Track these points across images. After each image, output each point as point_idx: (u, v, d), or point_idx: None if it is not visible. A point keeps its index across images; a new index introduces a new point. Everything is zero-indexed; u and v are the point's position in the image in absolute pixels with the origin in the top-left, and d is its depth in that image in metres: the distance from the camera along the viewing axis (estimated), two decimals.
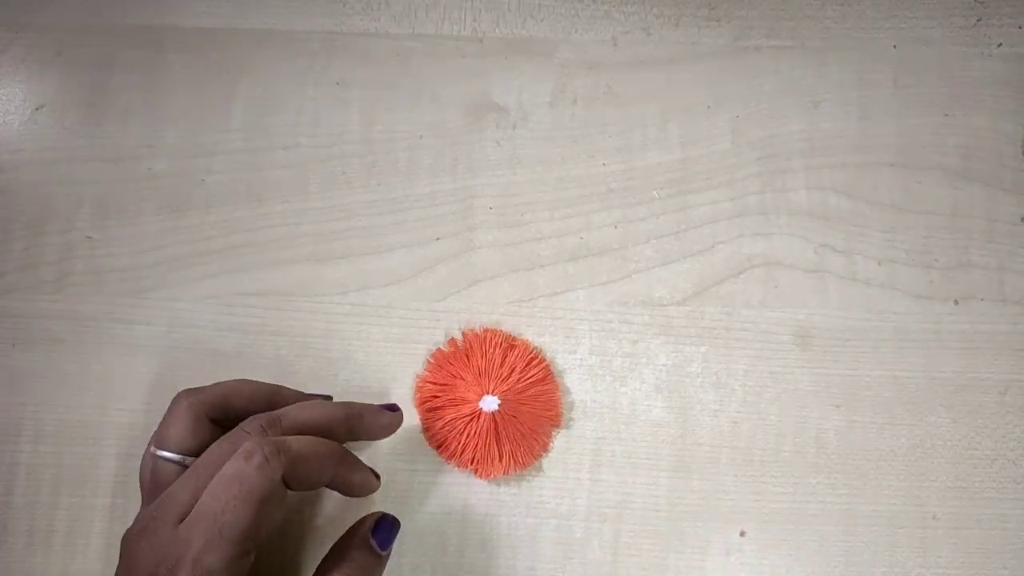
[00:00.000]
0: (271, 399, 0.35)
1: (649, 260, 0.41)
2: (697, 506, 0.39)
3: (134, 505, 0.34)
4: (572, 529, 0.38)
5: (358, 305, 0.41)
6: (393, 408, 0.36)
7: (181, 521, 0.29)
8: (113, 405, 0.39)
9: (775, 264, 0.41)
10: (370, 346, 0.40)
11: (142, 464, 0.33)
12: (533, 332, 0.40)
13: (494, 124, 0.43)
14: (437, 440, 0.38)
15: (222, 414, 0.33)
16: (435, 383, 0.39)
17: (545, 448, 0.39)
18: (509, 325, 0.40)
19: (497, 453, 0.38)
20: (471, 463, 0.38)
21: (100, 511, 0.38)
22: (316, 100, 0.43)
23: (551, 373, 0.39)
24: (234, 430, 0.32)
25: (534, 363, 0.39)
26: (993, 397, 0.40)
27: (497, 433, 0.38)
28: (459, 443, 0.38)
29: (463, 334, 0.40)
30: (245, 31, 0.44)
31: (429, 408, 0.39)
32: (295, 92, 0.43)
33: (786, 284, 0.41)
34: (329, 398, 0.38)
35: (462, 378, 0.38)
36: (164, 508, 0.29)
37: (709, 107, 0.43)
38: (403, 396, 0.39)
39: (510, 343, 0.39)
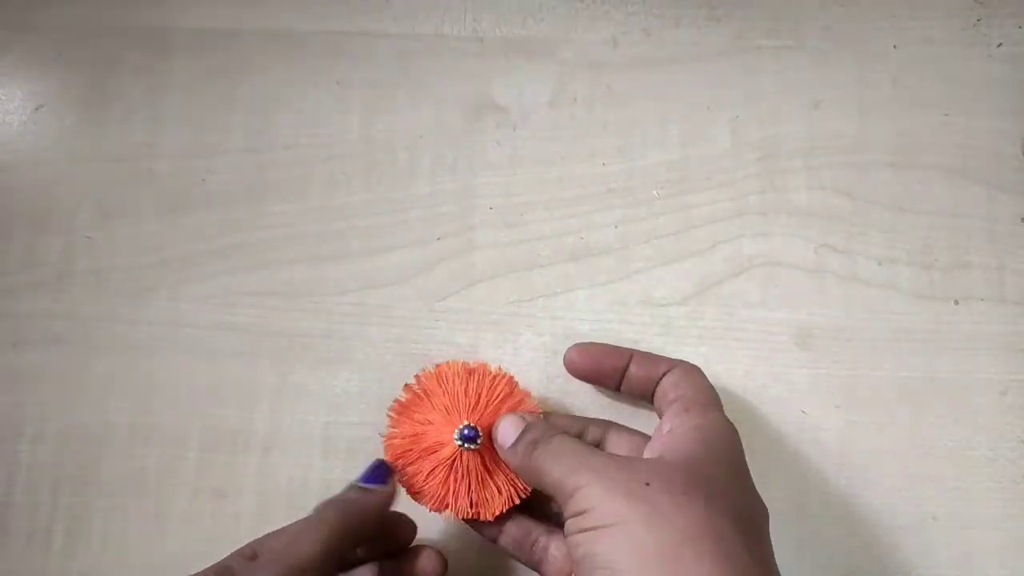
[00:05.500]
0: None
1: (649, 260, 0.41)
2: None
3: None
4: None
5: (358, 305, 0.41)
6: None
7: None
8: (113, 405, 0.39)
9: (775, 264, 0.41)
10: (370, 346, 0.40)
11: None
12: (533, 332, 0.40)
13: (494, 124, 0.43)
14: (427, 496, 0.35)
15: None
16: (404, 436, 0.35)
17: None
18: (509, 325, 0.40)
19: (494, 487, 0.35)
20: (471, 508, 0.35)
21: (100, 512, 0.38)
22: (317, 100, 0.43)
23: (516, 384, 0.37)
24: None
25: (497, 380, 0.36)
26: (993, 397, 0.40)
27: (485, 466, 0.35)
28: (451, 490, 0.34)
29: (416, 377, 0.37)
30: (246, 31, 0.44)
31: (405, 465, 0.35)
32: (296, 92, 0.43)
33: (786, 284, 0.41)
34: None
35: (430, 422, 0.35)
36: None
37: (709, 107, 0.43)
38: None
39: (467, 370, 0.37)
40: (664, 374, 0.35)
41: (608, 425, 0.37)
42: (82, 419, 0.39)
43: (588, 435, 0.36)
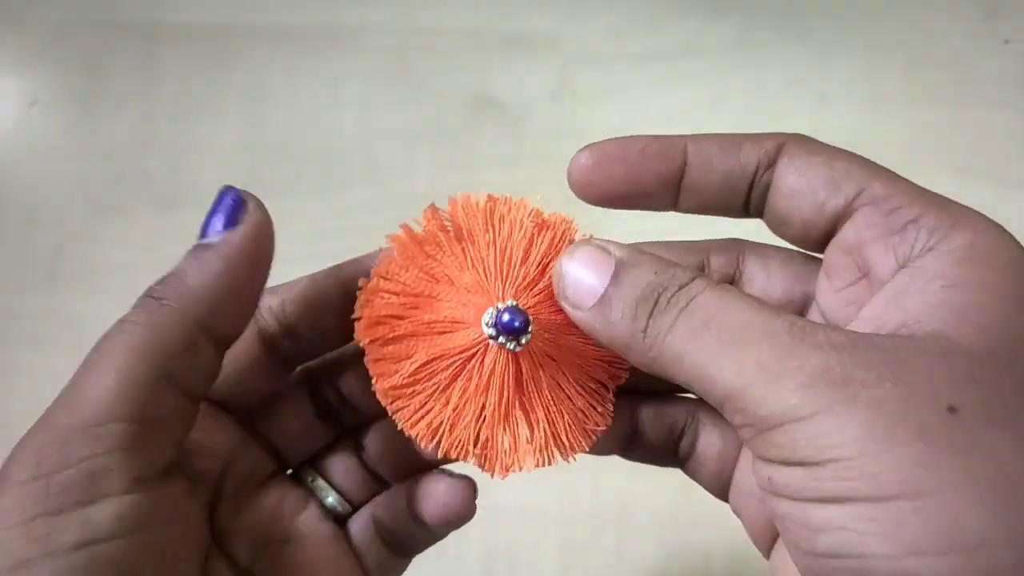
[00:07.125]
0: None
1: None
2: (701, 511, 0.38)
3: None
4: (574, 534, 0.38)
5: None
6: None
7: None
8: None
9: None
10: None
11: None
12: None
13: (493, 120, 0.42)
14: (404, 407, 0.20)
15: None
16: (397, 292, 0.21)
17: (605, 416, 0.21)
18: None
19: (524, 423, 0.21)
20: (474, 445, 0.20)
21: None
22: (311, 96, 0.42)
23: (572, 225, 0.23)
24: None
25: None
26: None
27: (520, 385, 0.20)
28: (448, 408, 0.20)
29: (451, 203, 0.22)
30: (240, 26, 0.43)
31: (385, 342, 0.21)
32: (290, 88, 0.42)
33: None
34: None
35: (450, 282, 0.21)
36: None
37: (714, 101, 0.42)
38: None
39: (539, 220, 0.22)
40: (773, 158, 0.20)
41: (739, 246, 0.23)
42: None
43: (711, 271, 0.23)
